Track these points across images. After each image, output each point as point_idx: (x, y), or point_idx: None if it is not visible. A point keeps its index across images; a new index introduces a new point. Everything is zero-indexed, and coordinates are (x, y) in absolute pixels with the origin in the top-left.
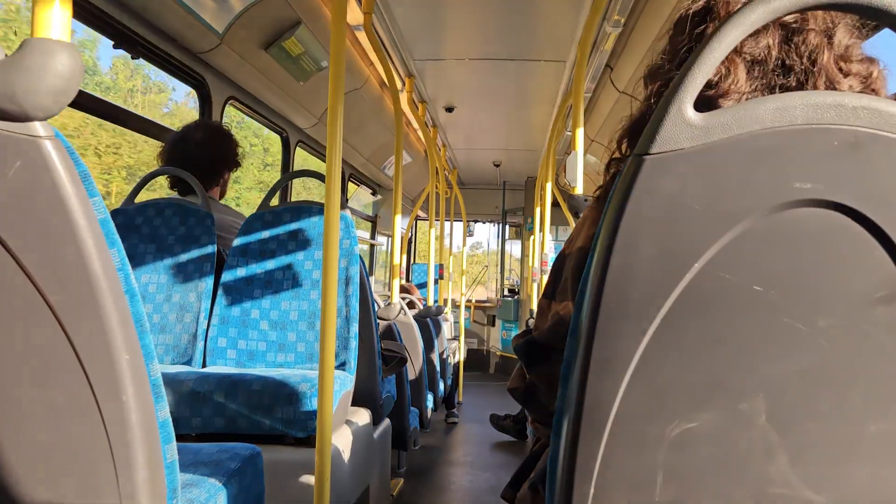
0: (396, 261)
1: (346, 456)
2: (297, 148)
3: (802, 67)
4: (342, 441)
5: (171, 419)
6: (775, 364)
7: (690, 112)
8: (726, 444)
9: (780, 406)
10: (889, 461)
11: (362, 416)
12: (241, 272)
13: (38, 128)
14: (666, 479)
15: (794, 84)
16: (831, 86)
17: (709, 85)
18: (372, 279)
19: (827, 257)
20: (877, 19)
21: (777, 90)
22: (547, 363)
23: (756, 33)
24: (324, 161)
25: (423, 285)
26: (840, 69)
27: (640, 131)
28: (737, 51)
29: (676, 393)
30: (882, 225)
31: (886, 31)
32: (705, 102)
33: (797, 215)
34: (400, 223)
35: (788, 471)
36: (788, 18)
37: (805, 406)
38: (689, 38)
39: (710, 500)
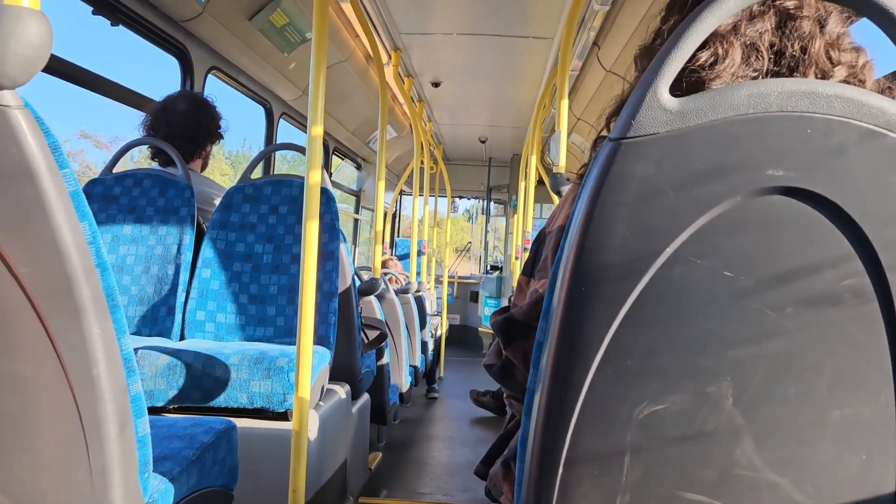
0: (379, 237)
1: (323, 430)
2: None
3: (793, 54)
4: (320, 416)
5: (143, 393)
6: (743, 349)
7: (666, 97)
8: (693, 426)
9: (747, 390)
10: (851, 445)
11: (341, 391)
12: (220, 245)
13: (6, 97)
14: (633, 460)
15: (784, 71)
16: (822, 75)
17: (703, 66)
18: (354, 254)
19: (797, 244)
20: (859, 10)
21: (769, 76)
22: (524, 340)
23: (753, 17)
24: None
25: (404, 256)
26: (830, 58)
27: None
28: (736, 34)
29: (645, 375)
30: (851, 213)
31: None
32: (698, 83)
33: (769, 202)
34: (384, 198)
35: (753, 453)
36: (787, 4)
37: (771, 390)
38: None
39: (676, 481)
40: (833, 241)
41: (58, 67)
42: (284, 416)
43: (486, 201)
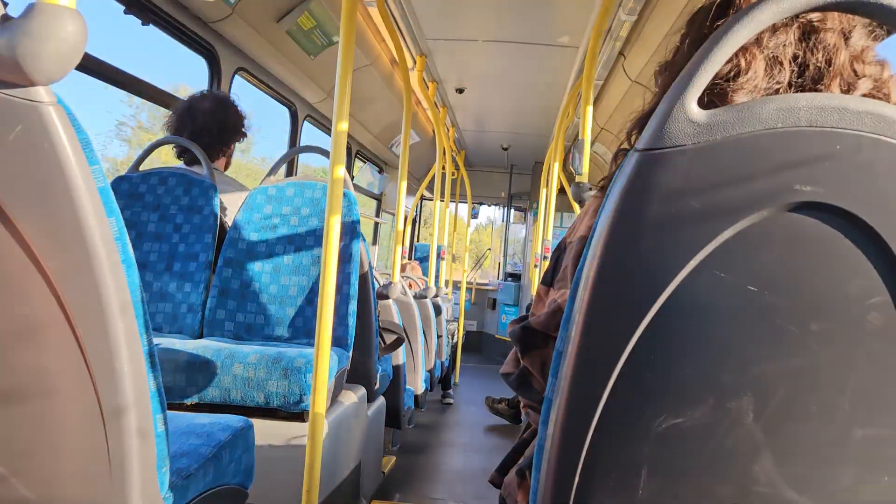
0: (399, 240)
1: (338, 432)
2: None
3: (818, 66)
4: (335, 418)
5: (163, 389)
6: (766, 364)
7: (694, 109)
8: (712, 441)
9: (768, 406)
10: (873, 466)
11: (357, 394)
12: (242, 245)
13: (40, 93)
14: (650, 473)
15: (808, 83)
16: (847, 87)
17: (726, 78)
18: (374, 257)
19: (823, 261)
20: (889, 23)
21: (792, 88)
22: (542, 349)
23: (776, 30)
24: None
25: (423, 259)
26: (854, 70)
27: None
28: (759, 46)
29: (665, 388)
30: (880, 231)
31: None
32: (720, 95)
33: (796, 217)
34: (405, 202)
35: (773, 470)
36: (811, 16)
37: (793, 407)
38: (708, 31)
39: (693, 496)
40: (860, 258)
41: (87, 64)
42: (300, 417)
43: (506, 208)
